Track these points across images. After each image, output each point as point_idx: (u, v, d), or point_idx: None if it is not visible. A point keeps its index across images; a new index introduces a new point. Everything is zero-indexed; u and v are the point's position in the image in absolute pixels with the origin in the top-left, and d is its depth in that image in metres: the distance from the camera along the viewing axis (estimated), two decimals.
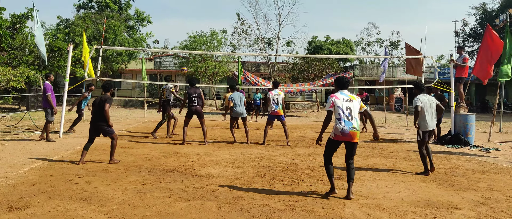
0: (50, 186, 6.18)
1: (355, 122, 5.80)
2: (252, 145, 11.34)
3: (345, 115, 5.77)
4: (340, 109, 5.81)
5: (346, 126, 5.74)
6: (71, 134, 12.81)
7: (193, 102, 11.15)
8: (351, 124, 5.75)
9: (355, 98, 5.94)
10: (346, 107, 5.80)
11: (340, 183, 6.82)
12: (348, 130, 5.74)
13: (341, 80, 6.11)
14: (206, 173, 7.44)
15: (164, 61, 41.83)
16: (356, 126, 5.79)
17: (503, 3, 39.58)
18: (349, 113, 5.78)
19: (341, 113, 5.79)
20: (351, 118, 5.78)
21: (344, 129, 5.74)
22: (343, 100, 5.86)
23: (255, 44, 41.45)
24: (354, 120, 5.79)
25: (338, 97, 5.90)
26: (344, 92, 5.99)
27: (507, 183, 7.17)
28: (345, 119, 5.76)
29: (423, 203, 5.74)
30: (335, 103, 5.85)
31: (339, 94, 5.95)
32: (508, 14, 16.90)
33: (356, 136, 5.81)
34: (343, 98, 5.88)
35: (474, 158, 10.04)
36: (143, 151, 9.79)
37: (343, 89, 6.04)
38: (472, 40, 44.64)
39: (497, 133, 16.15)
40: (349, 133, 5.75)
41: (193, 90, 11.17)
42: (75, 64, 25.71)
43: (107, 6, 36.95)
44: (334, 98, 5.89)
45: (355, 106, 5.87)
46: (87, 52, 13.18)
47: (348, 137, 5.79)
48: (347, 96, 5.92)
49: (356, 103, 5.90)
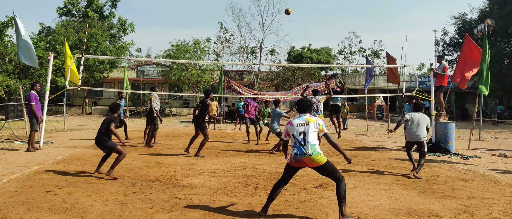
0: (29, 197, 6.07)
1: (310, 147, 5.36)
2: (235, 154, 11.31)
3: (298, 141, 5.43)
4: (293, 136, 5.51)
5: (298, 152, 5.39)
6: (50, 145, 12.61)
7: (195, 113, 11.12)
8: (303, 150, 5.37)
9: (313, 120, 5.55)
10: (299, 133, 5.46)
11: (323, 192, 6.84)
12: (300, 156, 5.38)
13: (301, 104, 5.77)
14: (189, 183, 7.39)
15: (147, 69, 41.61)
16: (310, 151, 5.35)
17: (481, 13, 40.41)
18: (302, 139, 5.42)
19: (294, 139, 5.49)
20: (305, 143, 5.39)
21: (296, 155, 5.41)
22: (297, 124, 5.51)
23: (238, 53, 41.54)
24: (307, 145, 5.37)
25: (293, 123, 5.57)
26: (302, 115, 5.65)
27: (486, 191, 7.29)
28: (298, 145, 5.43)
29: (405, 211, 5.79)
30: (289, 130, 5.60)
31: (295, 119, 5.61)
32: (486, 24, 17.26)
33: (311, 161, 5.38)
34: (298, 123, 5.52)
35: (455, 165, 10.18)
36: (124, 161, 9.66)
37: (302, 113, 5.70)
38: (451, 49, 45.45)
39: (476, 141, 16.42)
40: (301, 159, 5.39)
41: (201, 100, 11.03)
42: (57, 73, 25.40)
43: (87, 15, 36.64)
44: (289, 125, 5.61)
45: (310, 129, 5.46)
46: (69, 61, 13.03)
47: (302, 163, 5.44)
48: (304, 119, 5.55)
49: (312, 126, 5.49)
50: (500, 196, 6.86)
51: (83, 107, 35.83)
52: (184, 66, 34.08)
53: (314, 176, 8.20)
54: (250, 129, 14.78)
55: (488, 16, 34.17)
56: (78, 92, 39.27)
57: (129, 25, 38.56)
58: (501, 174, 9.09)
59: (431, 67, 14.20)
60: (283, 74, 35.96)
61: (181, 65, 34.08)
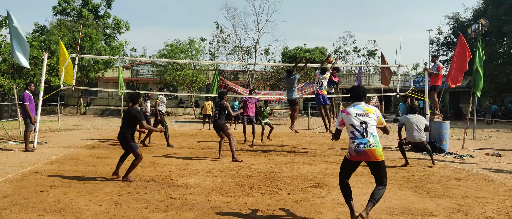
0: (23, 198, 6.04)
1: (372, 138, 5.03)
2: (230, 153, 11.28)
3: (359, 132, 5.05)
4: (352, 126, 5.10)
5: (361, 143, 5.02)
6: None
7: (215, 116, 10.63)
8: (367, 141, 5.01)
9: (373, 111, 5.19)
10: (361, 122, 5.08)
11: (318, 191, 6.85)
12: (363, 147, 5.01)
13: (356, 91, 5.32)
14: (184, 183, 7.38)
15: (141, 69, 41.54)
16: (373, 142, 5.01)
17: (475, 13, 40.63)
18: (363, 129, 5.06)
19: (353, 130, 5.08)
20: (367, 134, 5.04)
21: (358, 147, 5.02)
22: (356, 114, 5.13)
23: (233, 53, 41.53)
24: (370, 136, 5.03)
25: (350, 112, 5.16)
26: (359, 105, 5.25)
27: (480, 190, 7.32)
28: (359, 136, 5.05)
29: (399, 210, 5.81)
30: (345, 120, 5.18)
31: (351, 108, 5.22)
32: (480, 24, 17.34)
33: (374, 153, 5.01)
34: (356, 113, 5.14)
35: (449, 165, 10.22)
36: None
37: (358, 101, 5.29)
38: (446, 48, 45.71)
39: (470, 140, 16.50)
40: (364, 152, 5.01)
41: (217, 103, 10.68)
42: (51, 73, 25.29)
43: (81, 14, 36.53)
44: (345, 113, 5.19)
45: (372, 120, 5.13)
46: (64, 60, 12.96)
47: (364, 156, 5.03)
48: (362, 109, 5.18)
49: (373, 116, 5.15)
50: (494, 195, 6.89)
51: (77, 107, 35.71)
52: (179, 65, 34.03)
53: (309, 175, 8.22)
54: (247, 129, 14.73)
55: (482, 15, 34.35)
56: (73, 92, 39.14)
57: (124, 24, 38.48)
58: (495, 173, 9.13)
59: (425, 66, 14.25)
60: (278, 73, 35.97)
61: (176, 64, 34.04)
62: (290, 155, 11.40)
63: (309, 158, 10.80)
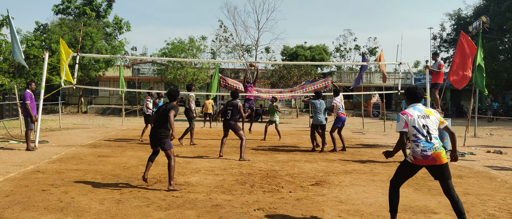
0: (25, 197, 6.05)
1: (436, 141, 4.87)
2: (231, 152, 11.30)
3: (422, 134, 4.86)
4: (415, 128, 4.89)
5: (427, 147, 4.82)
6: (46, 144, 12.57)
7: (227, 115, 10.56)
8: (432, 144, 4.83)
9: (433, 112, 5.04)
10: (423, 125, 4.89)
11: (320, 189, 6.85)
12: (430, 151, 4.81)
13: (413, 92, 5.11)
14: (185, 181, 7.39)
15: (142, 68, 41.53)
16: (437, 145, 4.85)
17: (476, 10, 40.56)
18: (427, 132, 4.87)
19: (417, 132, 4.88)
20: (431, 137, 4.85)
21: (424, 151, 4.81)
22: (418, 116, 4.92)
23: (233, 51, 41.52)
24: (434, 139, 4.86)
25: (412, 114, 4.94)
26: (418, 106, 5.04)
27: (482, 187, 7.32)
28: (423, 139, 4.85)
29: (401, 208, 5.80)
30: (408, 122, 4.92)
31: (412, 109, 5.00)
32: (481, 21, 17.32)
33: (440, 156, 4.84)
34: (418, 114, 4.93)
35: (450, 162, 10.20)
36: (121, 159, 9.67)
37: (416, 103, 5.08)
38: (447, 45, 45.66)
39: (472, 138, 16.49)
40: (431, 155, 4.82)
41: (230, 102, 10.55)
42: (51, 72, 25.33)
43: (85, 12, 36.52)
44: (407, 115, 4.93)
45: (433, 123, 4.96)
46: (65, 58, 12.97)
47: (431, 160, 4.83)
48: (423, 111, 4.98)
49: (434, 119, 4.98)
50: (495, 193, 6.89)
51: (78, 106, 35.72)
52: (179, 64, 34.03)
53: (311, 174, 8.22)
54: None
55: (483, 12, 34.32)
56: (74, 91, 39.15)
57: (124, 23, 38.50)
58: (496, 171, 9.13)
59: (426, 64, 14.24)
60: (279, 72, 35.95)
61: (177, 63, 34.04)
62: (291, 153, 11.40)
63: (310, 156, 10.80)
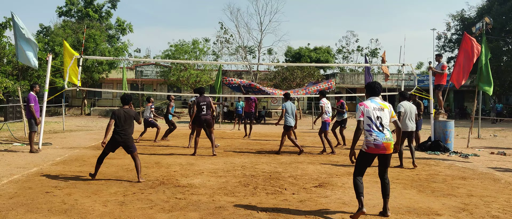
0: (29, 199, 6.06)
1: (388, 132, 5.38)
2: (234, 153, 11.31)
3: (376, 126, 5.35)
4: (370, 119, 5.38)
5: (379, 137, 5.32)
6: (50, 146, 12.60)
7: (202, 111, 10.91)
8: (384, 134, 5.33)
9: (387, 106, 5.53)
10: (377, 117, 5.38)
11: (323, 191, 6.85)
12: (381, 141, 5.31)
13: (372, 86, 5.62)
14: (189, 183, 7.39)
15: (145, 70, 41.59)
16: (389, 136, 5.36)
17: (479, 11, 40.47)
18: (380, 123, 5.37)
19: (371, 123, 5.37)
20: (383, 128, 5.36)
21: (376, 140, 5.32)
22: (374, 108, 5.42)
23: (236, 53, 41.53)
24: (386, 130, 5.37)
25: (368, 105, 5.44)
26: (375, 99, 5.56)
27: (486, 189, 7.29)
28: (376, 130, 5.34)
29: (405, 210, 5.79)
30: (364, 112, 5.41)
31: (369, 102, 5.51)
32: (484, 22, 17.26)
33: (389, 147, 5.36)
34: (374, 107, 5.44)
35: (454, 164, 10.19)
36: (124, 161, 9.68)
37: (373, 96, 5.60)
38: (452, 45, 45.56)
39: (475, 139, 16.44)
40: (382, 144, 5.32)
41: (202, 98, 10.98)
42: (55, 74, 25.39)
43: (88, 15, 36.63)
44: (364, 106, 5.44)
45: (386, 115, 5.45)
46: (69, 60, 12.99)
47: (382, 149, 5.34)
48: (378, 104, 5.49)
49: (387, 112, 5.48)
50: (499, 194, 6.87)
51: (82, 108, 35.80)
52: (183, 66, 34.07)
53: (314, 175, 8.21)
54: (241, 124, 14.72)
55: (486, 13, 34.22)
56: (77, 93, 39.26)
57: (127, 25, 38.59)
58: (500, 172, 9.10)
59: (429, 65, 14.21)
60: (282, 73, 35.95)
61: (180, 65, 34.08)
62: (294, 154, 11.39)
63: (313, 158, 10.79)
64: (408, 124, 9.48)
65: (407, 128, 9.46)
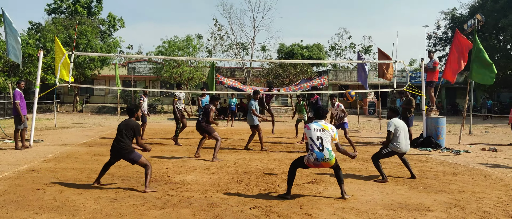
0: (20, 196, 6.02)
1: (327, 153, 5.92)
2: (227, 150, 11.30)
3: (316, 145, 5.94)
4: (311, 139, 6.00)
5: (318, 157, 5.92)
6: (41, 144, 12.51)
7: (199, 117, 10.45)
8: (323, 155, 5.91)
9: (329, 128, 6.09)
10: (317, 137, 5.97)
11: (315, 187, 6.86)
12: (320, 161, 5.93)
13: (319, 111, 6.28)
14: (181, 180, 7.37)
15: (138, 66, 41.40)
16: (328, 156, 5.92)
17: (471, 8, 40.67)
18: (320, 143, 5.94)
19: (312, 143, 5.99)
20: (323, 148, 5.92)
21: (316, 160, 5.94)
22: (314, 129, 6.03)
23: (229, 49, 41.46)
24: (325, 151, 5.92)
25: (310, 127, 6.09)
26: (318, 122, 6.19)
27: (477, 185, 7.34)
28: (317, 150, 5.93)
29: (396, 206, 5.81)
30: (306, 133, 6.11)
31: (313, 124, 6.15)
32: (476, 20, 17.35)
33: (329, 163, 5.98)
34: (315, 128, 6.05)
35: (446, 160, 10.25)
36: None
37: (318, 119, 6.24)
38: (443, 43, 45.80)
39: (467, 135, 16.54)
40: (321, 164, 5.97)
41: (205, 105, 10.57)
42: (46, 71, 25.21)
43: (77, 11, 36.38)
44: (306, 128, 6.14)
45: (326, 136, 6.01)
46: (60, 57, 12.88)
47: (320, 166, 6.03)
48: (320, 125, 6.10)
49: (327, 133, 6.04)
50: (490, 190, 6.92)
51: (74, 105, 35.58)
52: (175, 63, 33.95)
53: (306, 172, 8.22)
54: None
55: (478, 10, 34.42)
56: (69, 90, 39.01)
57: (118, 20, 38.37)
58: (491, 168, 9.17)
59: (422, 62, 14.27)
60: (275, 70, 35.94)
61: (173, 62, 33.95)
62: (287, 151, 11.40)
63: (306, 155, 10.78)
64: (403, 143, 7.64)
65: (401, 149, 7.64)
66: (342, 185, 6.19)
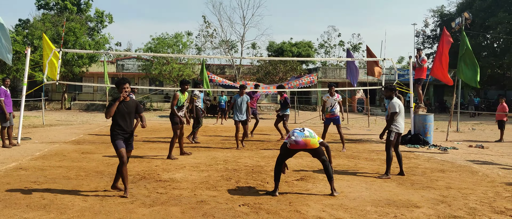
0: (7, 194, 5.96)
1: (308, 133, 6.12)
2: (217, 148, 11.30)
3: (298, 129, 6.21)
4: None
5: (299, 135, 6.09)
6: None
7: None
8: (303, 134, 6.10)
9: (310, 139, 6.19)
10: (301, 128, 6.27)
11: (304, 184, 6.89)
12: (301, 138, 6.07)
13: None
14: (170, 177, 7.36)
15: (127, 63, 41.14)
16: (308, 134, 6.10)
17: (459, 6, 41.03)
18: (301, 128, 6.25)
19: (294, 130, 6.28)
20: (303, 130, 6.18)
21: (297, 138, 6.08)
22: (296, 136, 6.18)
23: (219, 47, 41.38)
24: (306, 131, 6.14)
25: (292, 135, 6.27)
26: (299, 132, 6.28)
27: (463, 181, 7.43)
28: (298, 131, 6.15)
29: (384, 202, 5.87)
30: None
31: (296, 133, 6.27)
32: (464, 18, 17.52)
33: (310, 141, 6.08)
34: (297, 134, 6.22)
35: (433, 157, 10.35)
36: (105, 156, 9.59)
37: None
38: (431, 41, 46.16)
39: (454, 132, 16.71)
40: (302, 141, 6.06)
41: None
42: (34, 68, 24.93)
43: (66, 7, 36.03)
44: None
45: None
46: (48, 54, 12.76)
47: (303, 146, 6.11)
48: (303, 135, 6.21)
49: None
50: (477, 186, 7.00)
51: (62, 102, 35.26)
52: (165, 60, 33.80)
53: (296, 169, 8.25)
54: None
55: (467, 8, 34.73)
56: (57, 87, 38.66)
57: (106, 16, 38.06)
58: (478, 165, 9.28)
59: (410, 59, 14.38)
60: (265, 68, 35.97)
61: (162, 59, 33.80)
62: (276, 148, 11.42)
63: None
64: (401, 124, 7.86)
65: (400, 129, 7.84)
66: (332, 183, 6.24)
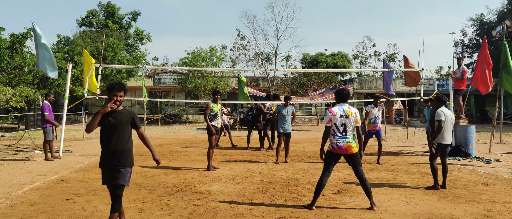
0: (50, 206, 6.14)
1: (350, 136, 6.04)
2: (252, 160, 11.28)
3: (339, 131, 6.02)
4: (335, 125, 6.04)
5: (341, 140, 6.00)
6: (72, 155, 12.75)
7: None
8: (345, 138, 6.00)
9: (353, 113, 6.08)
10: (341, 124, 6.03)
11: (342, 198, 6.78)
12: (343, 143, 5.98)
13: (340, 93, 6.25)
14: (207, 189, 7.39)
15: (163, 77, 41.94)
16: (350, 139, 6.02)
17: (500, 14, 39.84)
18: (343, 129, 6.03)
19: (335, 128, 6.04)
20: (346, 133, 6.02)
21: (338, 142, 6.00)
22: (340, 116, 6.03)
23: (254, 59, 41.61)
24: (348, 135, 6.03)
25: (335, 113, 6.06)
26: (342, 106, 6.13)
27: (509, 195, 7.13)
28: (339, 134, 6.02)
29: (425, 217, 5.69)
30: (332, 119, 6.05)
31: (336, 109, 6.11)
32: (505, 26, 16.98)
33: (351, 147, 5.99)
34: (340, 114, 6.04)
35: (476, 169, 10.00)
36: (142, 168, 9.74)
37: (342, 103, 6.18)
38: (470, 50, 44.94)
39: (497, 144, 16.11)
40: (344, 147, 5.98)
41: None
42: (75, 83, 25.76)
43: (106, 25, 37.21)
44: (332, 114, 6.06)
45: (350, 122, 6.05)
46: (89, 69, 13.18)
47: (344, 151, 5.99)
48: (344, 111, 6.06)
49: (352, 118, 6.06)
50: None
51: None
52: (200, 73, 34.26)
53: (332, 182, 8.14)
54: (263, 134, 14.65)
55: (507, 17, 33.67)
56: (97, 101, 39.77)
57: (146, 35, 39.04)
58: None
59: (449, 70, 14.01)
60: (299, 79, 35.87)
61: (197, 72, 34.28)
62: (312, 161, 11.32)
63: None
64: (445, 136, 7.66)
65: (445, 140, 7.65)
66: (370, 196, 6.07)
